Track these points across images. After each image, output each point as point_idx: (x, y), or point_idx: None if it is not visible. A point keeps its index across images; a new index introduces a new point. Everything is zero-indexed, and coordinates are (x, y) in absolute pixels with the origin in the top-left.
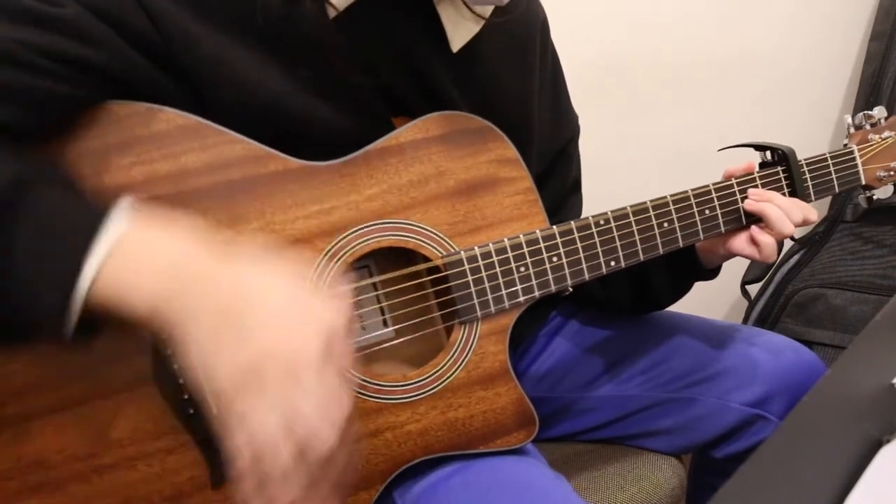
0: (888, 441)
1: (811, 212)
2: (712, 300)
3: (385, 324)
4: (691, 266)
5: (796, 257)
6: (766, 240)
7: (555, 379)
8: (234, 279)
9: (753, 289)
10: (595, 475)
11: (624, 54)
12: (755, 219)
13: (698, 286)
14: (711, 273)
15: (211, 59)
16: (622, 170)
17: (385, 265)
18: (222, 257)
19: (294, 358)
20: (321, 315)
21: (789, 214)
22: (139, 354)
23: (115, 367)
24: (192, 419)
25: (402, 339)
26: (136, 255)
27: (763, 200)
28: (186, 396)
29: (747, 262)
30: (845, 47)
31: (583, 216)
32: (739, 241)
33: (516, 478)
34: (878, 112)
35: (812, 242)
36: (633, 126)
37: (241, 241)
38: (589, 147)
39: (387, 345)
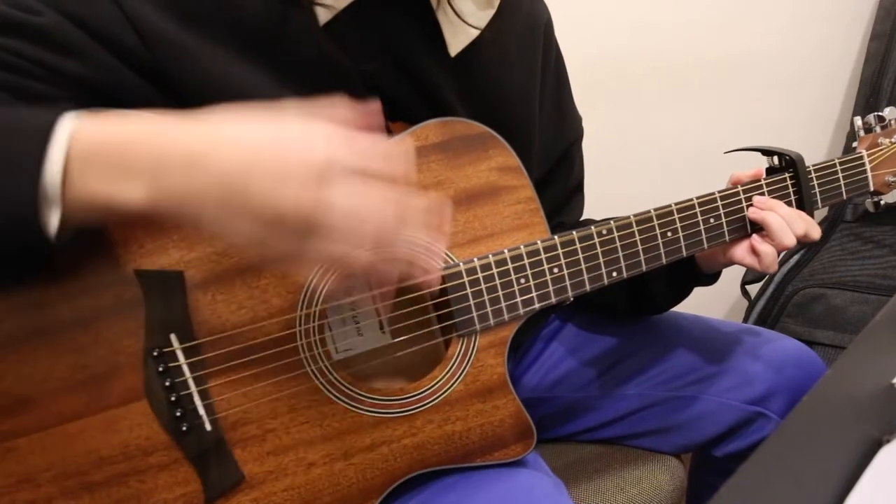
0: (888, 441)
1: (814, 228)
2: (712, 300)
3: (381, 326)
4: (690, 272)
5: (796, 257)
6: (767, 249)
7: (555, 380)
8: (215, 142)
9: (753, 289)
10: (595, 477)
11: (624, 55)
12: (759, 227)
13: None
14: (710, 279)
15: (199, 69)
16: (622, 170)
17: None
18: (191, 123)
19: (308, 184)
20: (312, 137)
21: (791, 225)
22: (130, 370)
23: (106, 383)
24: (186, 436)
25: (401, 352)
26: (103, 152)
27: (766, 209)
28: (179, 413)
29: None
30: (845, 47)
31: (583, 217)
32: (740, 250)
33: (514, 491)
34: (890, 113)
35: (812, 242)
36: (632, 126)
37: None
38: (589, 147)
39: (385, 357)
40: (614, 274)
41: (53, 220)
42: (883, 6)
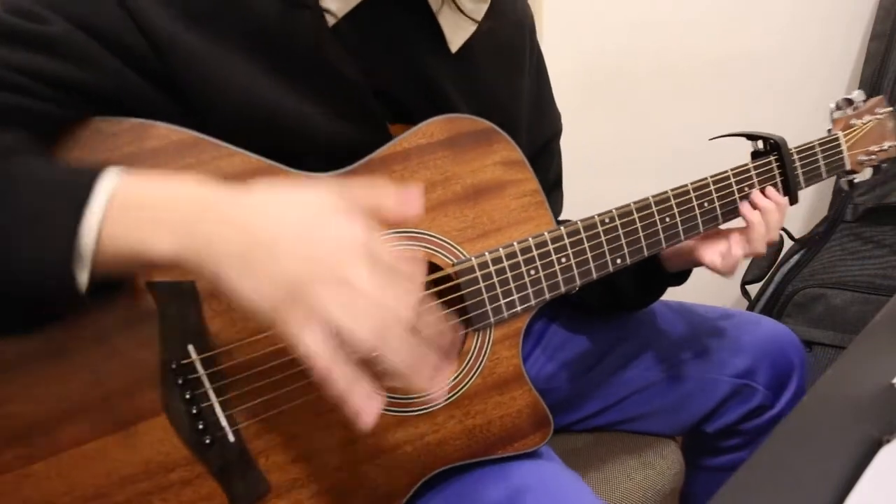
0: (888, 441)
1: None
2: (712, 300)
3: None
4: (658, 273)
5: (796, 257)
6: (737, 252)
7: (549, 375)
8: (249, 205)
9: (753, 289)
10: (601, 466)
11: (624, 54)
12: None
13: (698, 285)
14: (676, 278)
15: (207, 72)
16: (622, 169)
17: None
18: (228, 190)
19: (336, 255)
20: (347, 218)
21: (769, 227)
22: (147, 385)
23: (122, 400)
24: (209, 449)
25: None
26: (140, 205)
27: (757, 209)
28: (201, 426)
29: (747, 261)
30: (845, 47)
31: (586, 216)
32: (709, 251)
33: (536, 483)
34: (857, 95)
35: (812, 242)
36: (633, 126)
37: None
38: (590, 146)
39: None
40: (619, 261)
41: (83, 278)
42: (883, 6)
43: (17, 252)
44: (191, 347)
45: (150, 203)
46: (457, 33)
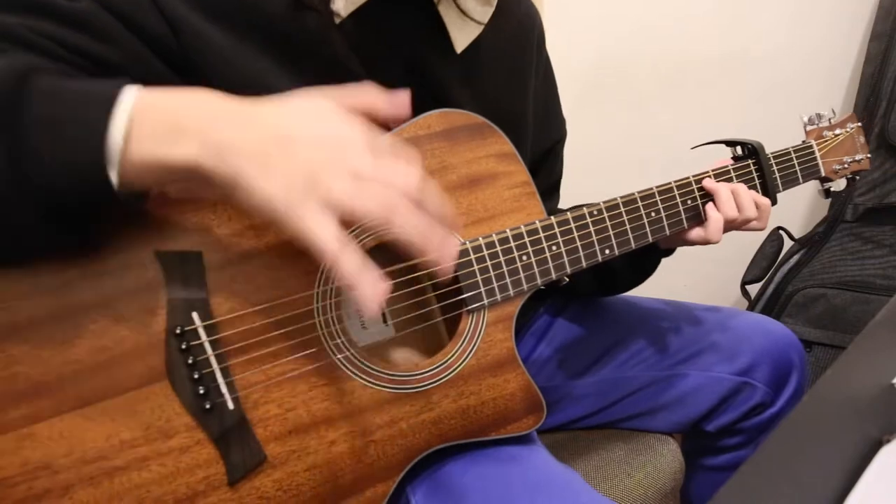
0: (888, 441)
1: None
2: (712, 300)
3: (384, 320)
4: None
5: (796, 257)
6: (714, 215)
7: (551, 369)
8: (261, 111)
9: (753, 289)
10: (600, 464)
11: (626, 55)
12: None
13: (698, 285)
14: (666, 252)
15: (225, 62)
16: (621, 168)
17: (380, 263)
18: (239, 100)
19: (342, 149)
20: (346, 117)
21: (738, 200)
22: (151, 351)
23: (126, 364)
24: (208, 414)
25: (401, 334)
26: (163, 111)
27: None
28: (202, 391)
29: (747, 261)
30: (845, 47)
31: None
32: (691, 231)
33: (528, 470)
34: (828, 112)
35: (812, 242)
36: (634, 126)
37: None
38: (590, 146)
39: (387, 341)
40: (607, 251)
41: (114, 177)
42: (883, 6)
43: (49, 157)
44: (195, 315)
45: (172, 109)
46: (462, 33)
